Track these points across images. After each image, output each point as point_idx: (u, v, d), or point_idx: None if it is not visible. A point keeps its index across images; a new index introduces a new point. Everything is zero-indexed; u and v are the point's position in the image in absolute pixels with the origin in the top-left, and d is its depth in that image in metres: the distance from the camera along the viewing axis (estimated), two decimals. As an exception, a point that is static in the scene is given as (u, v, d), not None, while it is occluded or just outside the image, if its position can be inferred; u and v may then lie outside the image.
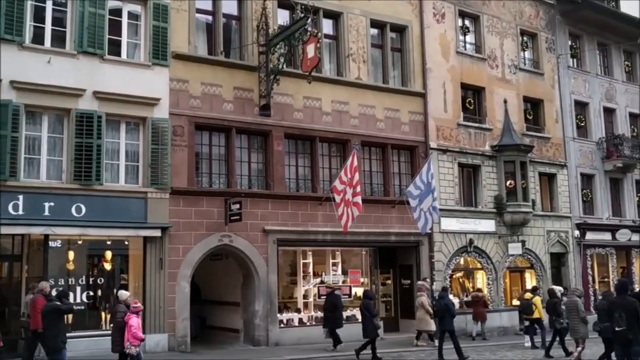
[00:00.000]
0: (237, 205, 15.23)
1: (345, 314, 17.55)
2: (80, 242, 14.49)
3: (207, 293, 18.26)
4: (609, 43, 26.19)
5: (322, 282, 17.98)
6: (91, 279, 14.63)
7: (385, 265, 19.56)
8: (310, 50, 15.93)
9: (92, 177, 14.02)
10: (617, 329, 10.11)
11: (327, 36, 18.36)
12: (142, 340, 10.98)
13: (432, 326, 16.73)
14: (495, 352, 16.28)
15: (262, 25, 16.70)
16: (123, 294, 11.38)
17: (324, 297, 16.91)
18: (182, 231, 15.13)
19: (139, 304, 11.18)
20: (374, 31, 19.40)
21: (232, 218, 15.35)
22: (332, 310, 15.87)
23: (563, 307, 14.84)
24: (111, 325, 12.16)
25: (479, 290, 19.92)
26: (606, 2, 26.22)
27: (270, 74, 16.27)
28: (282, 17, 17.57)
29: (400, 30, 19.85)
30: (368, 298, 15.17)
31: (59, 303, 10.62)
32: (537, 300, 17.06)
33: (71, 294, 13.65)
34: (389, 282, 19.87)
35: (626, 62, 27.07)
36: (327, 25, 18.45)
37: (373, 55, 19.17)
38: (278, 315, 16.57)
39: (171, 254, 14.95)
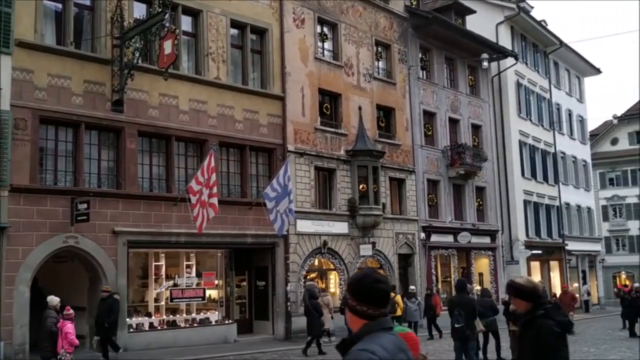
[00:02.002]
0: (85, 205, 14.45)
1: (198, 316, 17.30)
2: None
3: (51, 298, 17.11)
4: (456, 58, 27.99)
5: (175, 284, 17.56)
6: None
7: (240, 267, 19.51)
8: (168, 46, 15.48)
9: None
10: (456, 325, 10.79)
11: (185, 33, 17.98)
12: (77, 346, 10.84)
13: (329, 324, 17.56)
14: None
15: (117, 18, 16.02)
16: (53, 299, 11.11)
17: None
18: (23, 232, 14.08)
19: (72, 310, 10.92)
20: (234, 31, 19.30)
21: (78, 218, 14.53)
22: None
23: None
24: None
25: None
26: (454, 19, 28.01)
27: (124, 68, 15.62)
28: (139, 10, 16.97)
29: (260, 32, 19.92)
30: (314, 298, 15.92)
31: None
32: (398, 298, 17.84)
33: None
34: (244, 284, 19.83)
35: (470, 77, 29.09)
36: (186, 22, 18.07)
37: (233, 55, 19.07)
38: (127, 319, 15.92)
39: (9, 256, 13.86)
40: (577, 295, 35.19)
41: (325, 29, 22.27)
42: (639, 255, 50.98)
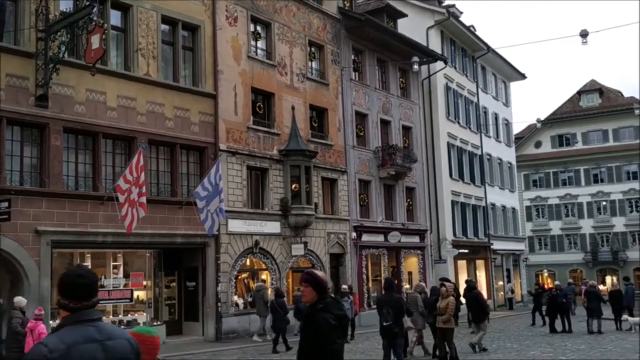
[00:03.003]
0: (6, 204, 13.86)
1: (126, 318, 16.91)
2: None
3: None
4: (387, 60, 28.44)
5: (101, 286, 17.08)
6: None
7: (170, 268, 19.19)
8: (95, 41, 15.04)
9: None
10: (384, 324, 10.96)
11: (114, 28, 17.52)
12: None
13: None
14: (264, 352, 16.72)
15: (42, 10, 15.45)
16: (21, 300, 11.16)
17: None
18: (-63, 231, 13.39)
19: (43, 311, 11.16)
20: (165, 27, 18.97)
21: (-1, 217, 13.94)
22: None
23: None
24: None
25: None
26: (386, 22, 28.44)
27: (49, 62, 15.07)
28: (66, 3, 16.42)
29: (192, 29, 19.64)
30: (280, 296, 16.87)
31: None
32: None
33: None
34: (174, 284, 19.51)
35: (401, 79, 29.61)
36: (115, 17, 17.61)
37: (164, 52, 18.73)
38: (51, 322, 15.36)
39: None
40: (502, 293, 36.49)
41: (258, 28, 22.19)
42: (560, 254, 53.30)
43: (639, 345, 12.64)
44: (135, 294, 17.78)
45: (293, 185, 21.79)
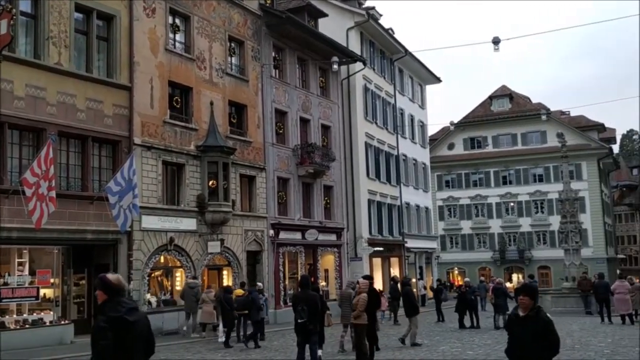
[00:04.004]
0: None
1: (31, 317, 16.17)
2: None
3: None
4: (308, 59, 28.55)
5: (5, 283, 16.25)
6: None
7: (79, 265, 18.48)
8: (3, 26, 14.35)
9: None
10: (299, 321, 10.98)
11: (23, 14, 16.68)
12: None
13: (215, 319, 18.27)
14: (190, 349, 16.48)
15: (-57, -10, 14.53)
16: None
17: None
18: None
19: None
20: (79, 16, 18.24)
21: None
22: None
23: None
24: None
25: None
26: (307, 21, 28.55)
27: (-50, 47, 14.21)
28: (-31, -16, 15.49)
29: (108, 19, 19.00)
30: (228, 292, 17.24)
31: None
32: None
33: None
34: (83, 282, 18.82)
35: (321, 78, 29.81)
36: (24, 3, 16.75)
37: (77, 41, 18.00)
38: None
39: None
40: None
41: (177, 21, 21.75)
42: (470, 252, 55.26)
43: (639, 337, 13.21)
44: (42, 292, 17.00)
45: (210, 182, 21.51)
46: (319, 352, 13.02)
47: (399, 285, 23.18)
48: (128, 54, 19.28)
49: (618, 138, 76.91)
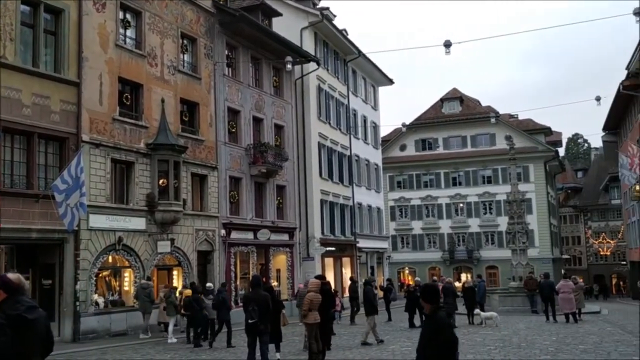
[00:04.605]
0: None
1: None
2: None
3: None
4: (261, 58, 28.43)
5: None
6: None
7: (23, 265, 17.87)
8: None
9: None
10: (249, 321, 10.92)
11: (-34, 5, 16.12)
12: None
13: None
14: (138, 350, 16.20)
15: None
16: None
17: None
18: None
19: None
20: (26, 8, 17.68)
21: None
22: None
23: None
24: None
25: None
26: (260, 20, 28.42)
27: None
28: None
29: (56, 12, 18.47)
30: (197, 292, 17.23)
31: None
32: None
33: None
34: (28, 282, 18.27)
35: (275, 78, 29.72)
36: (-33, -7, 16.21)
37: (23, 34, 17.45)
38: None
39: None
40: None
41: (128, 16, 21.34)
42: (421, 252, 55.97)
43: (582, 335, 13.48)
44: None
45: (161, 181, 21.18)
46: (277, 354, 12.99)
47: (358, 285, 23.40)
48: (77, 49, 18.81)
49: (564, 141, 79.11)
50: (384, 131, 52.18)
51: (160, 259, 21.55)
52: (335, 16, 36.76)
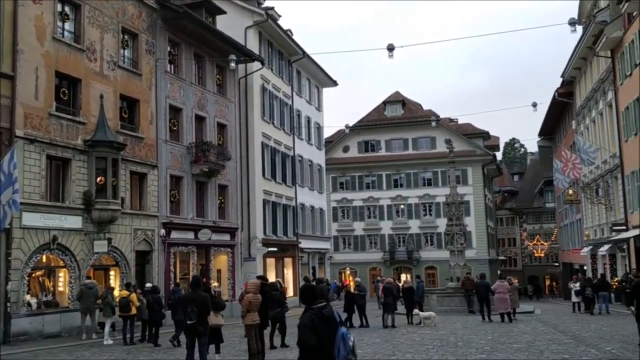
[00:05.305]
0: None
1: None
2: None
3: None
4: (205, 56, 28.09)
5: None
6: None
7: (-50, 264, 17.18)
8: None
9: None
10: (188, 322, 10.77)
11: None
12: None
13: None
14: (72, 352, 15.73)
15: None
16: None
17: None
18: None
19: None
20: (-44, -3, 16.97)
21: None
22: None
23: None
24: None
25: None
26: (204, 17, 28.08)
27: None
28: None
29: (-11, 2, 17.79)
30: (156, 292, 17.30)
31: None
32: (134, 296, 17.24)
33: None
34: (-46, 283, 17.49)
35: (218, 76, 29.42)
36: None
37: (-48, 23, 16.72)
38: None
39: None
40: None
41: (67, 9, 20.71)
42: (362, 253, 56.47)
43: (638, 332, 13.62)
44: None
45: (98, 178, 20.65)
46: (217, 356, 12.85)
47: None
48: (11, 41, 18.12)
49: (501, 146, 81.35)
50: (327, 132, 52.47)
51: (97, 259, 21.00)
52: (280, 16, 36.69)
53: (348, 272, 56.50)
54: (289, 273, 35.53)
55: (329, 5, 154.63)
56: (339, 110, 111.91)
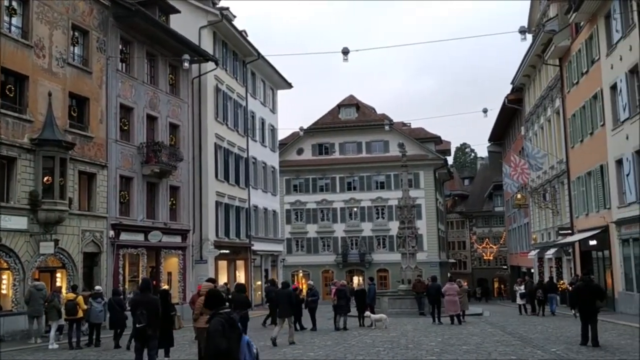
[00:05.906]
0: None
1: None
2: None
3: None
4: (157, 55, 27.66)
5: None
6: None
7: None
8: None
9: None
10: (137, 325, 10.58)
11: None
12: None
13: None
14: (15, 357, 15.25)
15: None
16: None
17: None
18: None
19: None
20: None
21: None
22: None
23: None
24: None
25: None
26: (158, 16, 27.65)
27: None
28: None
29: None
30: (117, 294, 17.72)
31: None
32: (80, 299, 16.85)
33: None
34: None
35: (171, 75, 29.01)
36: None
37: None
38: None
39: None
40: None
41: (14, 3, 20.11)
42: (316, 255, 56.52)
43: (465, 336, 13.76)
44: None
45: (45, 178, 20.09)
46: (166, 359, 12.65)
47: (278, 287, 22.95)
48: (-46, 35, 17.51)
49: (452, 150, 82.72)
50: (281, 134, 52.39)
51: (43, 261, 20.43)
52: (235, 17, 36.40)
53: (301, 274, 56.45)
54: (241, 276, 35.25)
55: (284, 6, 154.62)
56: (294, 112, 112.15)
